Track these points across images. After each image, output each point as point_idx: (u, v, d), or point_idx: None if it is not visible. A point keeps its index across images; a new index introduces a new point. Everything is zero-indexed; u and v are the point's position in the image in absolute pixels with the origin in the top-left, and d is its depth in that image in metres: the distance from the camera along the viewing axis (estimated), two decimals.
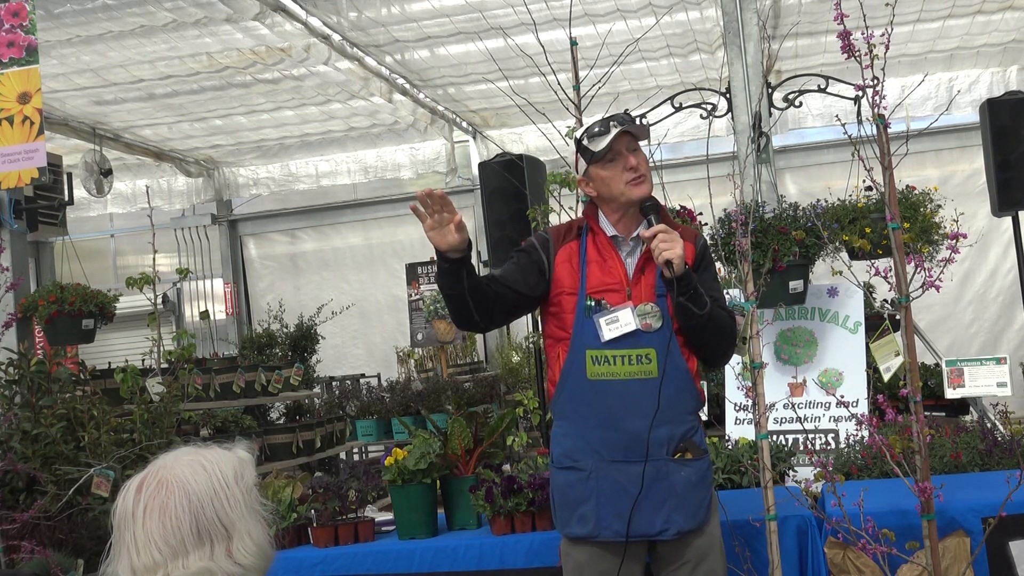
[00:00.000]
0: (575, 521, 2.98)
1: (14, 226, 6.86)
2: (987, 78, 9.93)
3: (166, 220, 11.77)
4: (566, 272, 3.07)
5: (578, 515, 2.97)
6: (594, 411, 2.97)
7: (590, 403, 2.98)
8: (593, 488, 2.95)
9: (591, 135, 3.04)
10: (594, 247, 3.08)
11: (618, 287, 3.00)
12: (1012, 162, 5.63)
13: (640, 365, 2.95)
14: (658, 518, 2.92)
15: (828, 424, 5.07)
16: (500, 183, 6.10)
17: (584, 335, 3.00)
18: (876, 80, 2.90)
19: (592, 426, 2.98)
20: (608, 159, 3.03)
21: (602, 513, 2.93)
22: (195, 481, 1.73)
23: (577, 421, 3.01)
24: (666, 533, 2.94)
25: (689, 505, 2.95)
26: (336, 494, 3.99)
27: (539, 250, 3.11)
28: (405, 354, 10.84)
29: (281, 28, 7.70)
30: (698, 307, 2.93)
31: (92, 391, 5.19)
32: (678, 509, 2.93)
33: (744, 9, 6.43)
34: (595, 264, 3.05)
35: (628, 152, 3.04)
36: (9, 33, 5.23)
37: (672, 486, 2.94)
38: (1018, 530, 3.28)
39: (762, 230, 4.86)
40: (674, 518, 2.93)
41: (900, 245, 2.98)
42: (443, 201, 2.87)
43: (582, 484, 2.97)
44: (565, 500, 3.01)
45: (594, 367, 2.98)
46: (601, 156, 3.02)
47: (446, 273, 2.94)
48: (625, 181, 3.02)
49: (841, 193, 5.47)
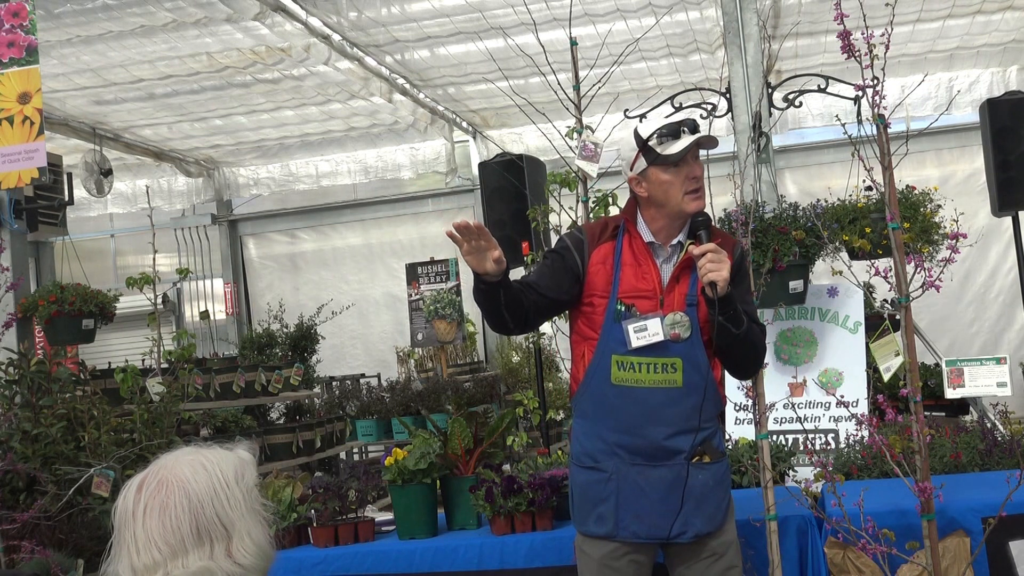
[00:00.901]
0: (593, 520, 2.99)
1: (14, 226, 6.86)
2: (987, 78, 9.93)
3: (166, 220, 11.77)
4: (600, 274, 3.03)
5: (596, 514, 2.98)
6: (616, 415, 2.97)
7: (612, 407, 2.97)
8: (613, 489, 2.96)
9: (662, 137, 2.94)
10: (630, 250, 3.03)
11: (651, 294, 2.97)
12: (1012, 162, 5.63)
13: (665, 374, 2.94)
14: (676, 521, 2.93)
15: (828, 424, 5.07)
16: (500, 183, 6.11)
17: (611, 339, 2.97)
18: (876, 80, 2.89)
19: (612, 429, 2.98)
20: (674, 164, 2.95)
21: (620, 514, 2.94)
22: (195, 481, 1.73)
23: (598, 422, 3.01)
24: (684, 536, 2.95)
25: (707, 509, 2.96)
26: (336, 494, 3.99)
27: (573, 252, 3.06)
28: (405, 354, 10.84)
29: (281, 28, 7.70)
30: (735, 327, 2.91)
31: (92, 391, 5.19)
32: (696, 513, 2.94)
33: (744, 9, 6.43)
34: (629, 268, 3.01)
35: (693, 161, 2.98)
36: (9, 33, 5.23)
37: (690, 490, 2.94)
38: (1018, 530, 3.27)
39: (762, 230, 4.86)
40: (692, 522, 2.94)
41: (900, 245, 2.98)
42: (480, 231, 2.81)
43: (602, 485, 2.98)
44: (585, 498, 3.02)
45: (619, 372, 2.96)
46: (667, 160, 2.94)
47: (483, 292, 2.91)
48: (684, 191, 2.95)
49: (841, 193, 5.47)
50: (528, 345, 9.56)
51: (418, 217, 12.05)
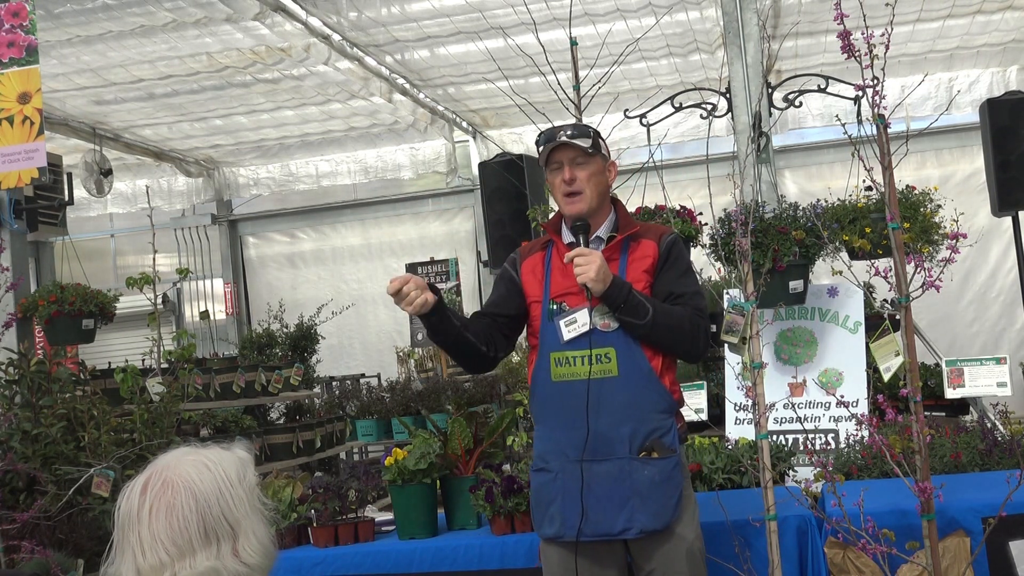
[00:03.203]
0: (546, 522, 3.04)
1: (14, 226, 6.86)
2: (987, 78, 9.94)
3: (166, 220, 11.78)
4: (532, 282, 3.18)
5: (548, 515, 3.03)
6: (560, 412, 3.03)
7: (557, 404, 3.04)
8: (560, 488, 3.00)
9: (537, 142, 3.13)
10: (557, 255, 3.15)
11: (579, 291, 3.03)
12: (1012, 162, 5.64)
13: (600, 364, 2.99)
14: (620, 517, 2.93)
15: (828, 424, 5.07)
16: (500, 183, 6.12)
17: (548, 338, 3.08)
18: (876, 80, 2.89)
19: (559, 427, 3.04)
20: (551, 168, 3.12)
21: (567, 513, 2.97)
22: (201, 481, 1.74)
23: (546, 423, 3.09)
24: (628, 532, 2.94)
25: (653, 504, 2.94)
26: (336, 494, 3.99)
27: (511, 270, 3.25)
28: (405, 354, 10.84)
29: (281, 28, 7.71)
30: (637, 318, 2.96)
31: (92, 391, 5.19)
32: (641, 508, 2.93)
33: (744, 9, 6.44)
34: (557, 271, 3.13)
35: (569, 165, 3.08)
36: (9, 33, 5.23)
37: (635, 485, 2.94)
38: (1018, 530, 3.28)
39: (762, 230, 4.86)
40: (637, 517, 2.93)
41: (900, 245, 2.98)
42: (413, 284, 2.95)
43: (551, 485, 3.03)
44: (538, 501, 3.09)
45: (557, 368, 3.05)
46: (546, 165, 3.13)
47: (435, 326, 3.04)
48: (562, 193, 3.11)
49: (841, 193, 5.47)
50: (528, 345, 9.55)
51: (418, 217, 12.06)
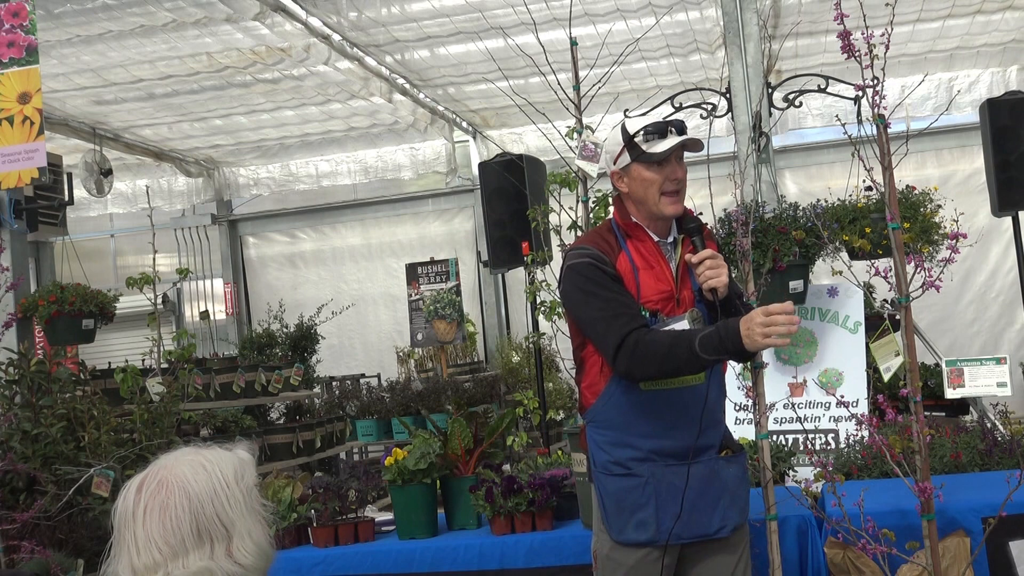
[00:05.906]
0: (632, 527, 2.94)
1: (14, 226, 6.87)
2: (987, 78, 9.93)
3: (166, 220, 11.77)
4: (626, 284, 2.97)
5: (636, 521, 2.93)
6: (647, 421, 2.95)
7: (643, 413, 2.95)
8: (651, 493, 2.92)
9: (648, 134, 2.93)
10: (638, 254, 2.99)
11: (669, 294, 2.97)
12: (1012, 162, 5.63)
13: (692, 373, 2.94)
14: (715, 516, 2.94)
15: (828, 424, 5.07)
16: (500, 183, 6.11)
17: None
18: (876, 80, 2.89)
19: (644, 435, 2.95)
20: (652, 163, 2.93)
21: (661, 517, 2.91)
22: (195, 481, 1.74)
23: (627, 431, 2.97)
24: (723, 531, 2.95)
25: (740, 500, 3.01)
26: (336, 494, 3.99)
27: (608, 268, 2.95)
28: (405, 354, 10.84)
29: (281, 28, 7.70)
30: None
31: (92, 391, 5.19)
32: (732, 505, 2.97)
33: (744, 9, 6.43)
34: (645, 272, 2.97)
35: (676, 163, 2.97)
36: (9, 33, 5.23)
37: (724, 483, 2.97)
38: (1018, 530, 3.28)
39: (762, 230, 4.86)
40: (729, 515, 2.96)
41: (900, 245, 2.98)
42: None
43: (639, 490, 2.93)
44: (620, 507, 2.96)
45: None
46: (651, 158, 2.93)
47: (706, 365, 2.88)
48: (662, 191, 2.93)
49: (841, 193, 5.47)
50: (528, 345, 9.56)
51: (418, 217, 12.06)
